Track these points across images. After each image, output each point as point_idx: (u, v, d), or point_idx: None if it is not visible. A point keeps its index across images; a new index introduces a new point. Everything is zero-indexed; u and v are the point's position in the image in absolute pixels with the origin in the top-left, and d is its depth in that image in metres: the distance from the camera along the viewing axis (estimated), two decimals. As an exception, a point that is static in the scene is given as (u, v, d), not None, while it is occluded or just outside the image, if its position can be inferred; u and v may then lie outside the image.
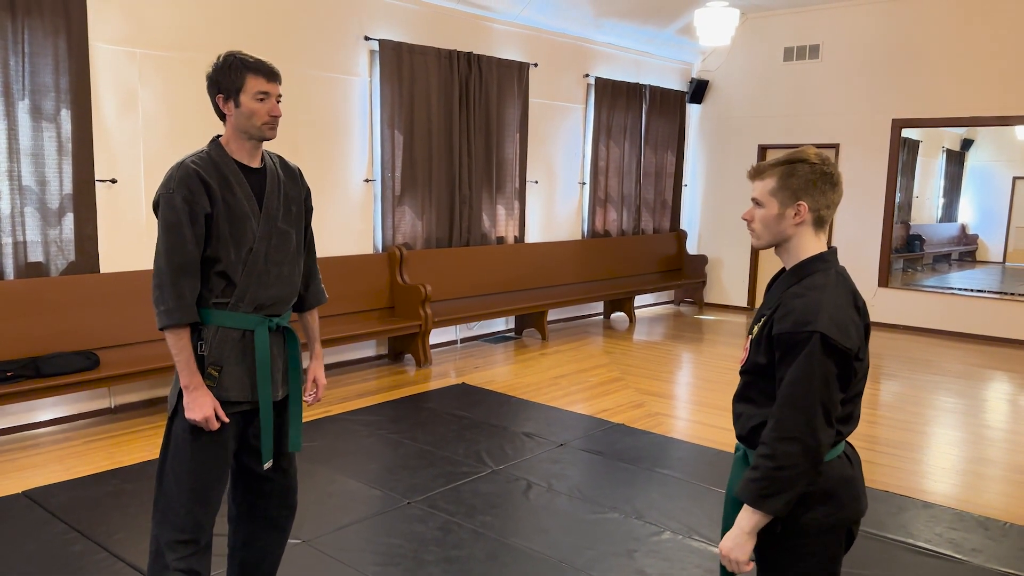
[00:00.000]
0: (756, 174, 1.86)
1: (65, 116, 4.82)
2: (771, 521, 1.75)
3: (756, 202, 1.86)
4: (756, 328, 1.86)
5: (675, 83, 9.88)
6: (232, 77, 2.23)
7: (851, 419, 1.82)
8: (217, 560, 2.91)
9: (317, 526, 3.57)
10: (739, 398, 1.91)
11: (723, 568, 1.87)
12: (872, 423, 5.38)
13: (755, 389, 1.85)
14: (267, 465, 2.38)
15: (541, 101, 8.10)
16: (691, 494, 4.06)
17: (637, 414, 5.41)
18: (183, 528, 2.25)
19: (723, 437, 4.95)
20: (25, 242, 4.75)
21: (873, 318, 8.88)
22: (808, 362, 1.68)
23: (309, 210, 2.51)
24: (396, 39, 6.62)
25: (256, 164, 2.33)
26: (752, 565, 1.80)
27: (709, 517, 3.75)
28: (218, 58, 2.28)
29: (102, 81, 5.01)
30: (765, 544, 1.79)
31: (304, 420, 5.04)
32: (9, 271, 4.71)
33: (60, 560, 3.23)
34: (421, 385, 6.08)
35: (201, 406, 2.21)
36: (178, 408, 2.26)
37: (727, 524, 1.87)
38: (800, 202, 1.80)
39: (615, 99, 8.89)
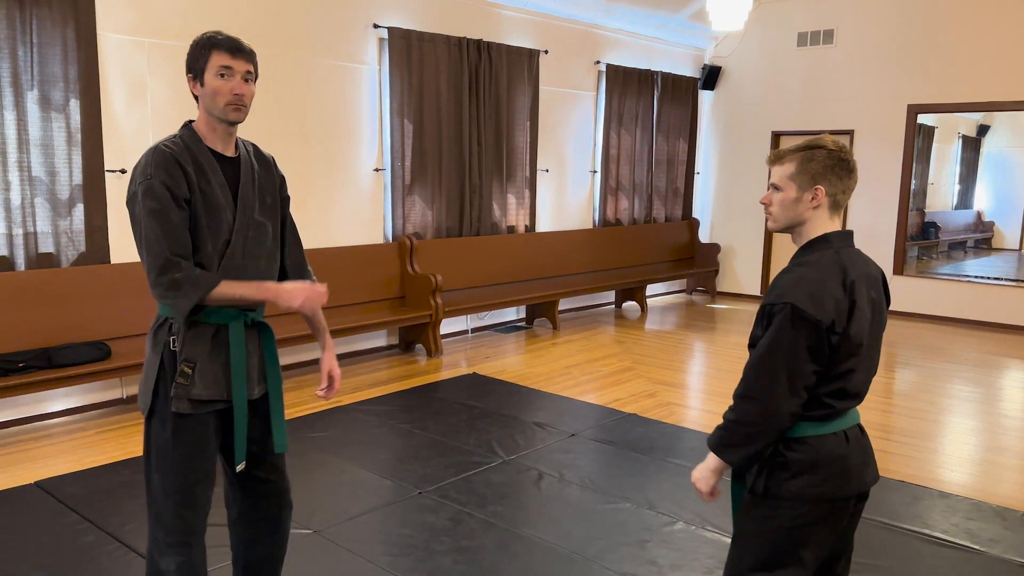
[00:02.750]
0: (775, 160, 1.96)
1: (74, 106, 4.81)
2: (755, 481, 1.89)
3: (775, 187, 1.95)
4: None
5: (687, 69, 9.78)
6: (198, 55, 2.12)
7: (845, 395, 1.87)
8: (220, 557, 2.91)
9: (328, 516, 3.56)
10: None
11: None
12: (886, 412, 5.33)
13: None
14: (240, 467, 2.27)
15: (551, 88, 8.04)
16: (704, 484, 4.03)
17: (649, 404, 5.38)
18: (173, 530, 2.17)
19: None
20: (35, 233, 4.75)
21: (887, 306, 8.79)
22: (778, 330, 1.80)
23: (285, 200, 2.38)
24: (405, 27, 6.58)
25: (230, 152, 2.21)
26: (716, 496, 1.98)
27: (722, 508, 3.72)
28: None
29: (111, 71, 5.00)
30: (747, 501, 1.92)
31: (315, 410, 5.04)
32: (20, 262, 4.71)
33: (72, 550, 3.24)
34: (432, 375, 6.07)
35: (292, 294, 2.15)
36: (154, 407, 2.16)
37: (735, 500, 1.98)
38: (818, 186, 1.90)
39: (626, 86, 8.81)
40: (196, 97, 2.17)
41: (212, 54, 2.11)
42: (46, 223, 4.79)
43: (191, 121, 2.21)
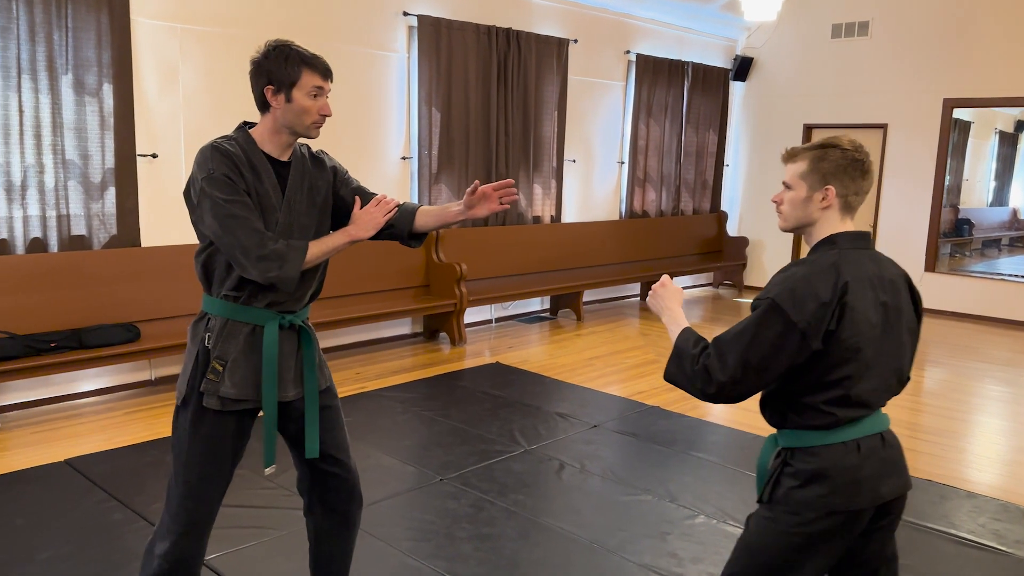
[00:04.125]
0: (789, 157, 1.92)
1: (107, 91, 4.87)
2: (763, 490, 1.87)
3: (786, 185, 1.91)
4: None
5: (719, 60, 9.68)
6: (288, 70, 2.10)
7: (848, 403, 1.78)
8: (227, 542, 2.94)
9: (350, 501, 3.59)
10: None
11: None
12: (914, 410, 5.26)
13: None
14: (269, 471, 2.29)
15: (580, 78, 7.99)
16: (726, 478, 4.01)
17: (672, 397, 5.35)
18: (175, 518, 2.17)
19: (759, 421, 4.87)
20: (68, 215, 4.83)
21: (918, 303, 8.67)
22: (751, 317, 1.78)
23: (345, 183, 2.37)
24: (435, 14, 6.57)
25: (285, 158, 2.23)
26: (654, 296, 2.02)
27: (744, 501, 3.70)
28: (269, 46, 2.13)
29: (143, 56, 5.05)
30: (757, 510, 1.89)
31: (341, 395, 5.06)
32: (53, 244, 4.79)
33: (101, 528, 3.30)
34: (455, 363, 6.09)
35: (358, 225, 2.22)
36: (186, 399, 2.17)
37: (760, 482, 1.93)
38: (828, 186, 1.84)
39: (656, 76, 8.74)
40: (267, 105, 2.15)
41: (304, 72, 2.11)
42: (79, 206, 4.87)
43: (247, 124, 2.22)
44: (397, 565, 3.09)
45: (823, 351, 1.75)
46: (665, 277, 2.04)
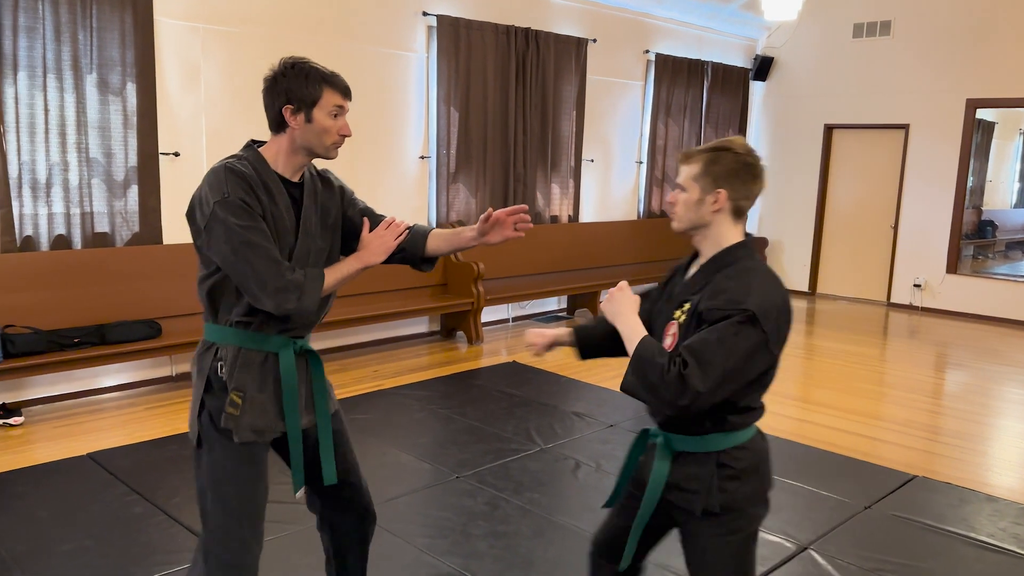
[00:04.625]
0: (684, 159, 1.91)
1: (131, 90, 4.93)
2: (708, 500, 1.81)
3: (680, 187, 1.90)
4: (681, 313, 1.86)
5: (738, 60, 9.64)
6: (308, 88, 2.01)
7: (760, 402, 1.91)
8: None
9: (367, 497, 3.61)
10: None
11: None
12: (935, 413, 5.21)
13: None
14: (298, 495, 2.24)
15: (599, 78, 7.99)
16: (743, 479, 3.99)
17: (689, 397, 5.34)
18: (229, 550, 2.09)
19: (773, 422, 4.86)
20: (92, 213, 4.89)
21: (940, 305, 8.60)
22: (726, 327, 1.70)
23: (350, 203, 2.29)
24: (454, 14, 6.59)
25: (297, 179, 2.13)
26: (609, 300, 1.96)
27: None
28: (286, 64, 2.04)
29: (166, 55, 5.11)
30: (699, 524, 1.85)
31: (357, 392, 5.11)
32: (77, 241, 4.86)
33: (122, 521, 3.35)
34: (472, 362, 6.11)
35: (369, 251, 2.17)
36: (202, 436, 2.11)
37: (621, 482, 2.05)
38: (719, 190, 1.84)
39: (675, 76, 8.71)
40: (283, 125, 2.05)
41: (325, 91, 2.03)
42: (102, 203, 4.93)
43: (255, 143, 2.13)
44: (412, 561, 3.11)
45: (776, 357, 1.81)
46: (623, 283, 2.01)
